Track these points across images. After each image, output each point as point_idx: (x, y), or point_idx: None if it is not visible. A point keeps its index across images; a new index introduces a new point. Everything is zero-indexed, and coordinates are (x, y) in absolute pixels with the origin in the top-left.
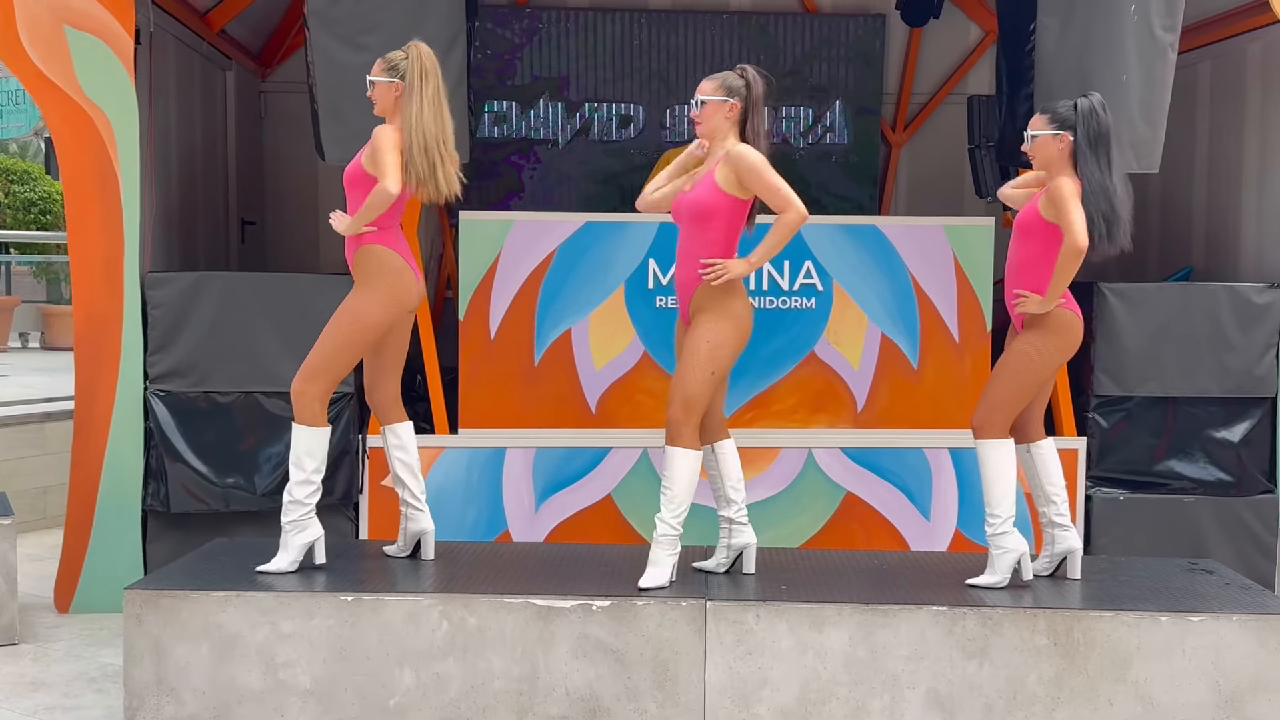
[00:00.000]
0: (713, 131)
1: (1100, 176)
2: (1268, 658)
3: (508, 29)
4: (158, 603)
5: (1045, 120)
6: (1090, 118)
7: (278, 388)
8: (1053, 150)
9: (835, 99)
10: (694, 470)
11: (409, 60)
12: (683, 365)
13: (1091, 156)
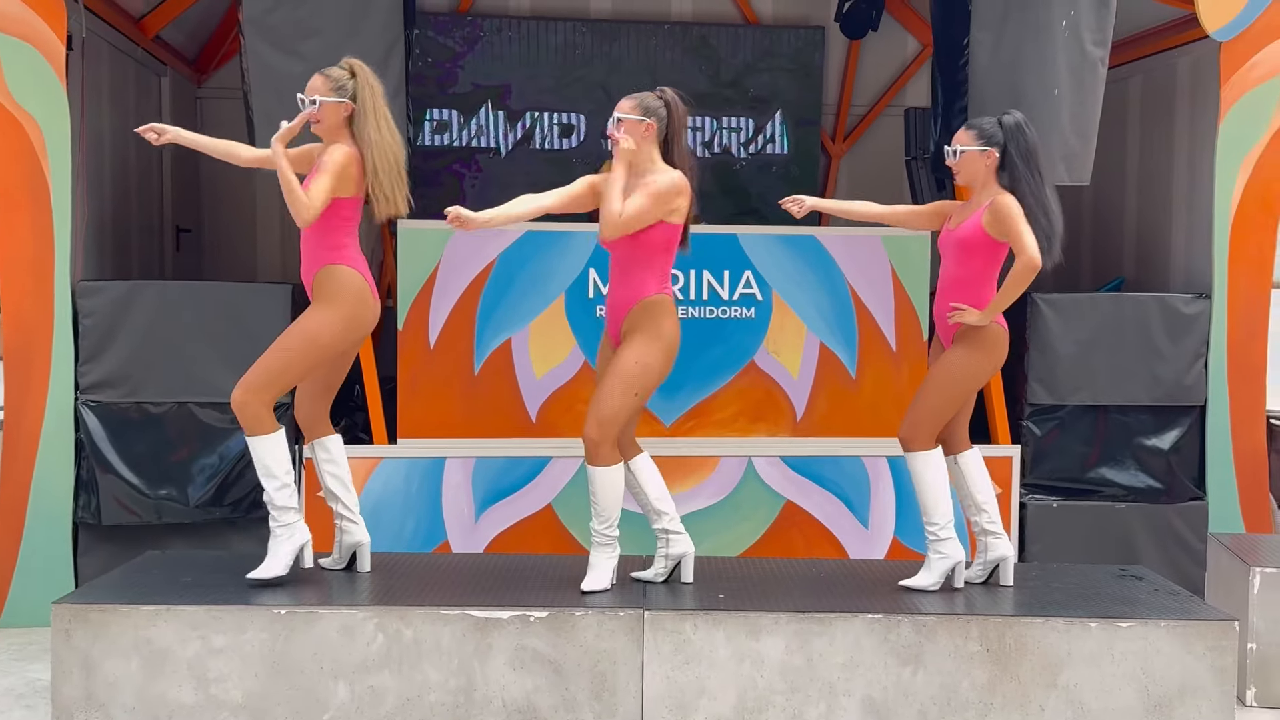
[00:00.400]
0: (632, 152)
1: (1040, 192)
2: (1194, 663)
3: (448, 37)
4: (86, 617)
5: (972, 136)
6: (1019, 134)
7: (211, 398)
8: (979, 166)
9: (775, 110)
10: (618, 483)
11: (357, 80)
12: (607, 383)
13: (1027, 173)
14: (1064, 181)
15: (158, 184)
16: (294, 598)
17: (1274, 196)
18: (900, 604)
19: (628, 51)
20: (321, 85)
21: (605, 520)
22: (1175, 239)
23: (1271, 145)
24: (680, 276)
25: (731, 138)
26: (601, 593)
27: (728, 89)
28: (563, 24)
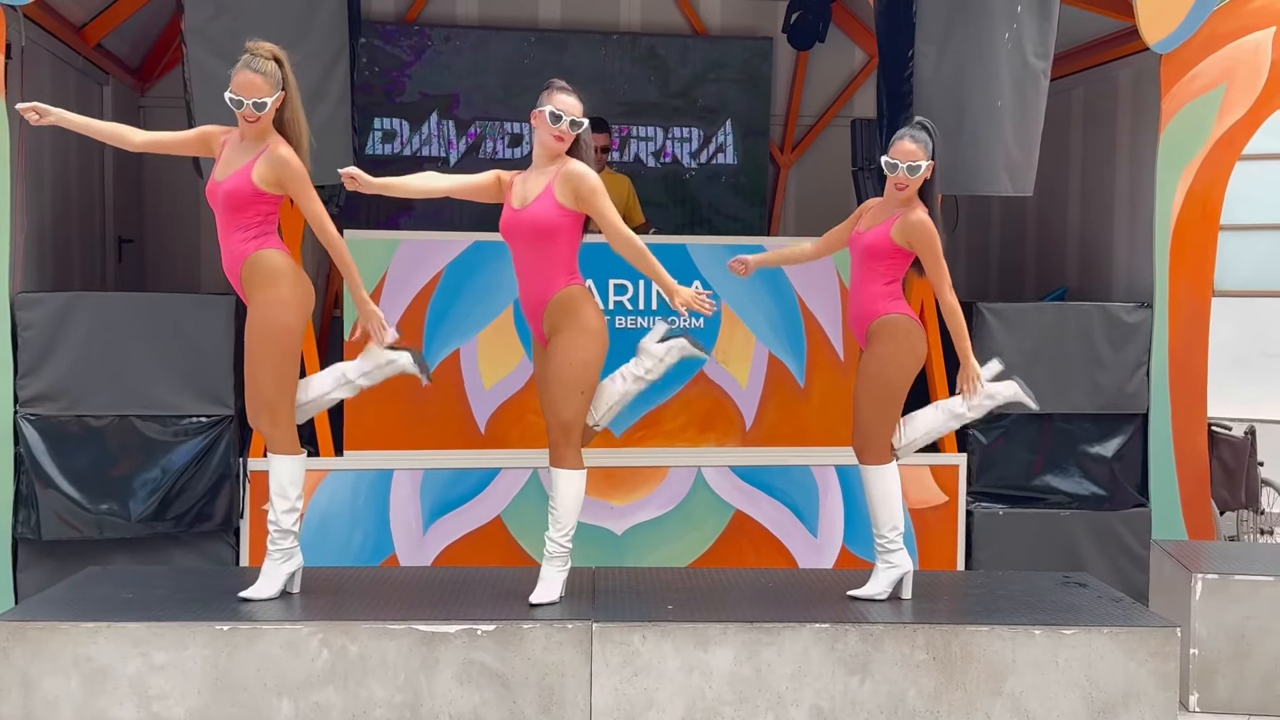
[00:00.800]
0: (561, 150)
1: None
2: (1137, 668)
3: (396, 46)
4: (25, 634)
5: (922, 150)
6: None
7: (153, 410)
8: (921, 180)
9: (724, 120)
10: (580, 489)
11: (284, 69)
12: (555, 392)
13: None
14: (1008, 192)
15: (99, 194)
16: (237, 613)
17: (1213, 206)
18: (848, 613)
19: (577, 61)
20: (263, 85)
21: (562, 528)
22: (1117, 248)
23: (1211, 156)
24: (630, 286)
25: (681, 148)
26: (550, 605)
27: (677, 99)
28: (511, 33)
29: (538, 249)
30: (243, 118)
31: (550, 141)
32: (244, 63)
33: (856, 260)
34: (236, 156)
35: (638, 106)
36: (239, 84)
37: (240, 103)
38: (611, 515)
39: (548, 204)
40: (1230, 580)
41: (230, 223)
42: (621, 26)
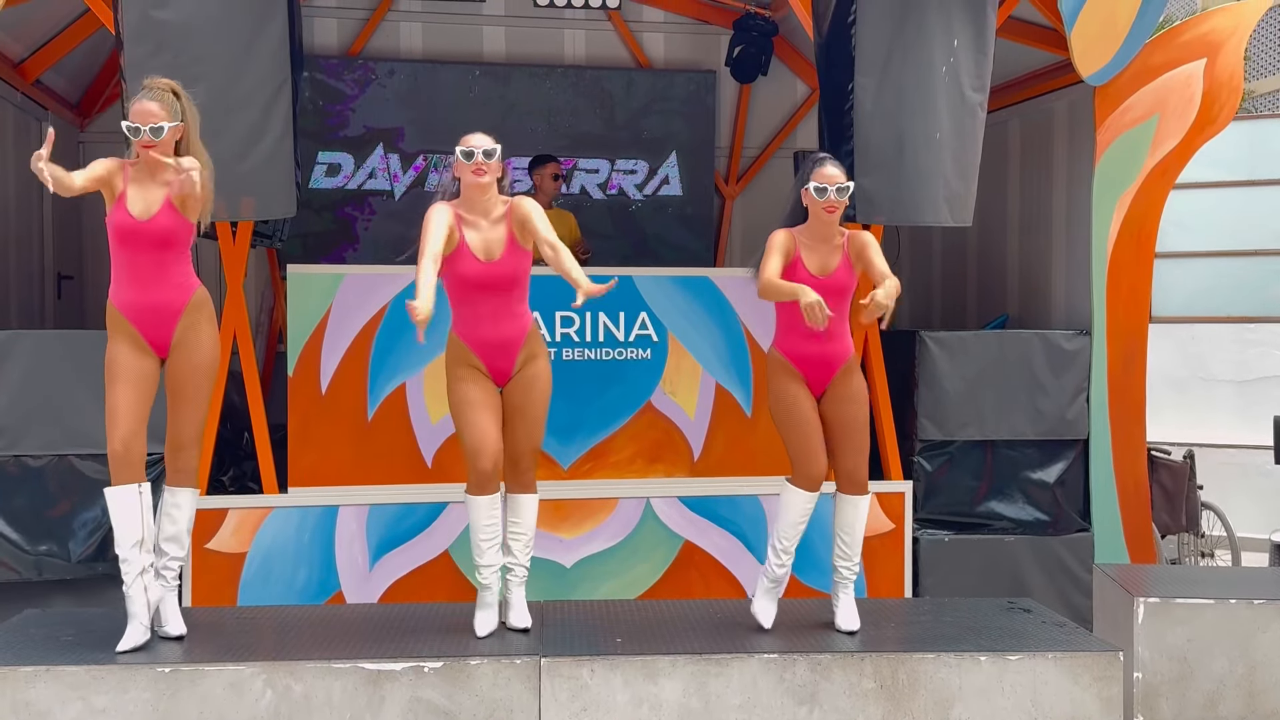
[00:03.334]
0: (485, 184)
1: None
2: (1081, 693)
3: (339, 79)
4: None
5: (846, 174)
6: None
7: (93, 449)
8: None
9: (670, 152)
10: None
11: (181, 101)
12: (536, 418)
13: None
14: (947, 223)
15: (38, 230)
16: (179, 655)
17: (1148, 235)
18: (796, 643)
19: (521, 94)
20: (160, 111)
21: (529, 551)
22: (1055, 277)
23: (1145, 185)
24: (576, 319)
25: (626, 180)
26: (488, 638)
27: (622, 132)
28: (456, 66)
29: (513, 293)
30: (141, 145)
31: (471, 179)
32: (140, 95)
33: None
34: (148, 192)
35: (583, 139)
36: (135, 113)
37: (138, 130)
38: (560, 548)
39: (518, 253)
40: (1172, 604)
41: (166, 260)
42: (566, 60)
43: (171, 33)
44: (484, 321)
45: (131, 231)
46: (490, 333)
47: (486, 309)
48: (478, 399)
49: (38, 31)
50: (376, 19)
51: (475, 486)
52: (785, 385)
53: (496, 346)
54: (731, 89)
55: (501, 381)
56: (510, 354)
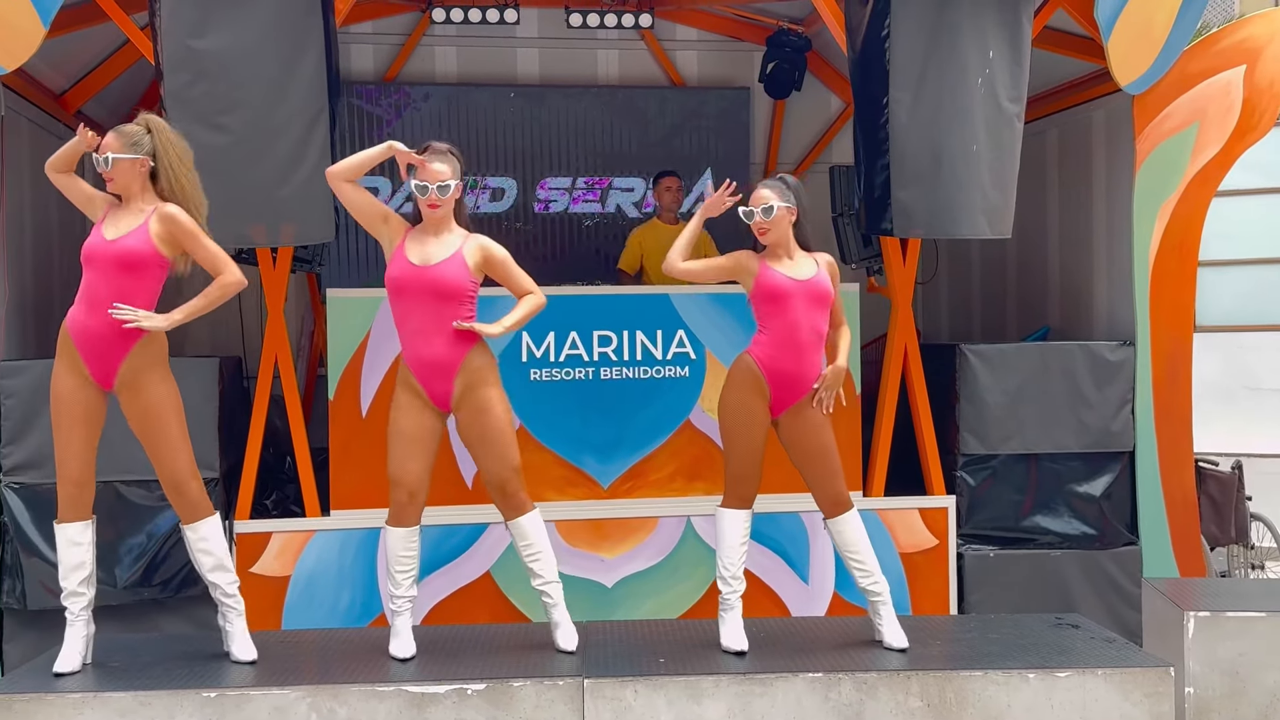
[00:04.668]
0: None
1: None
2: (1132, 710)
3: (375, 105)
4: (11, 707)
5: (779, 194)
6: (803, 195)
7: (138, 476)
8: (785, 223)
9: (704, 169)
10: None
11: (154, 137)
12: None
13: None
14: (985, 235)
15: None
16: (224, 680)
17: (1190, 243)
18: (841, 662)
19: (556, 115)
20: (115, 143)
21: (552, 568)
22: (1097, 287)
23: (1186, 193)
24: (614, 338)
25: None
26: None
27: (656, 150)
28: (490, 89)
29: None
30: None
31: (425, 210)
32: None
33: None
34: (122, 217)
35: (618, 158)
36: (102, 143)
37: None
38: (601, 568)
39: (458, 268)
40: (1222, 617)
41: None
42: (599, 80)
43: (210, 62)
44: (420, 336)
45: (94, 252)
46: (422, 349)
47: (415, 324)
48: (407, 431)
49: (78, 63)
50: (411, 44)
51: (391, 517)
52: (746, 398)
53: (428, 365)
54: (765, 105)
55: (444, 407)
56: (443, 377)
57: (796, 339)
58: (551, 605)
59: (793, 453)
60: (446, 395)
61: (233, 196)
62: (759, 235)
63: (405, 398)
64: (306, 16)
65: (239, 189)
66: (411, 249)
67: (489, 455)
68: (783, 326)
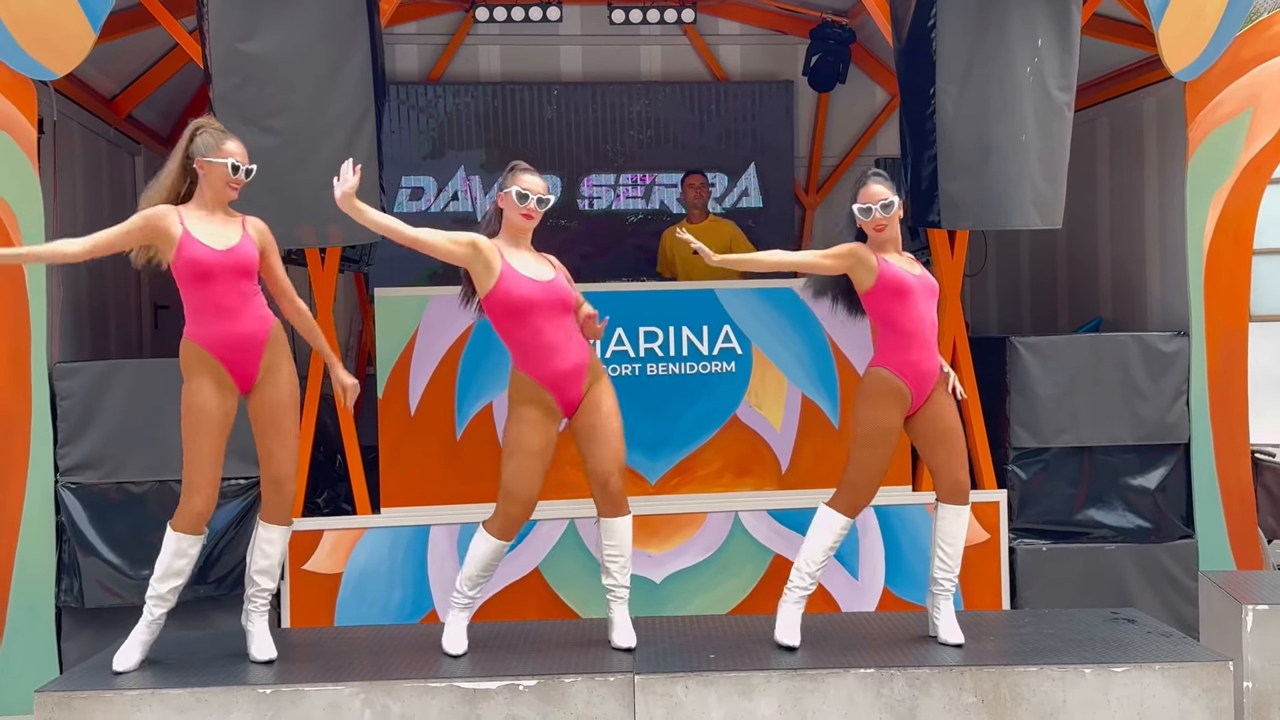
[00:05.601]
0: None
1: None
2: (1190, 704)
3: (421, 104)
4: (70, 704)
5: (891, 188)
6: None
7: None
8: (898, 219)
9: (749, 164)
10: None
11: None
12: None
13: None
14: (1036, 226)
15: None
16: (279, 676)
17: (1245, 232)
18: (893, 658)
19: (599, 112)
20: (241, 150)
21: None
22: (1150, 278)
23: (1240, 181)
24: (659, 334)
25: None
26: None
27: (701, 145)
28: (534, 87)
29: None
30: (237, 184)
31: (518, 220)
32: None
33: (930, 305)
34: (218, 227)
35: (661, 154)
36: (242, 152)
37: (250, 171)
38: (649, 563)
39: (565, 279)
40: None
41: (247, 290)
42: (643, 76)
43: (258, 65)
44: (554, 349)
45: (213, 264)
46: (557, 360)
47: (548, 338)
48: (535, 447)
49: (128, 68)
50: (455, 44)
51: (497, 528)
52: (886, 413)
53: (562, 374)
54: (809, 98)
55: (570, 413)
56: (576, 381)
57: (924, 334)
58: (614, 603)
59: (923, 441)
60: (577, 401)
61: (281, 198)
62: (876, 231)
63: (534, 413)
64: (353, 18)
65: (287, 191)
66: (520, 265)
67: (598, 449)
68: (910, 322)
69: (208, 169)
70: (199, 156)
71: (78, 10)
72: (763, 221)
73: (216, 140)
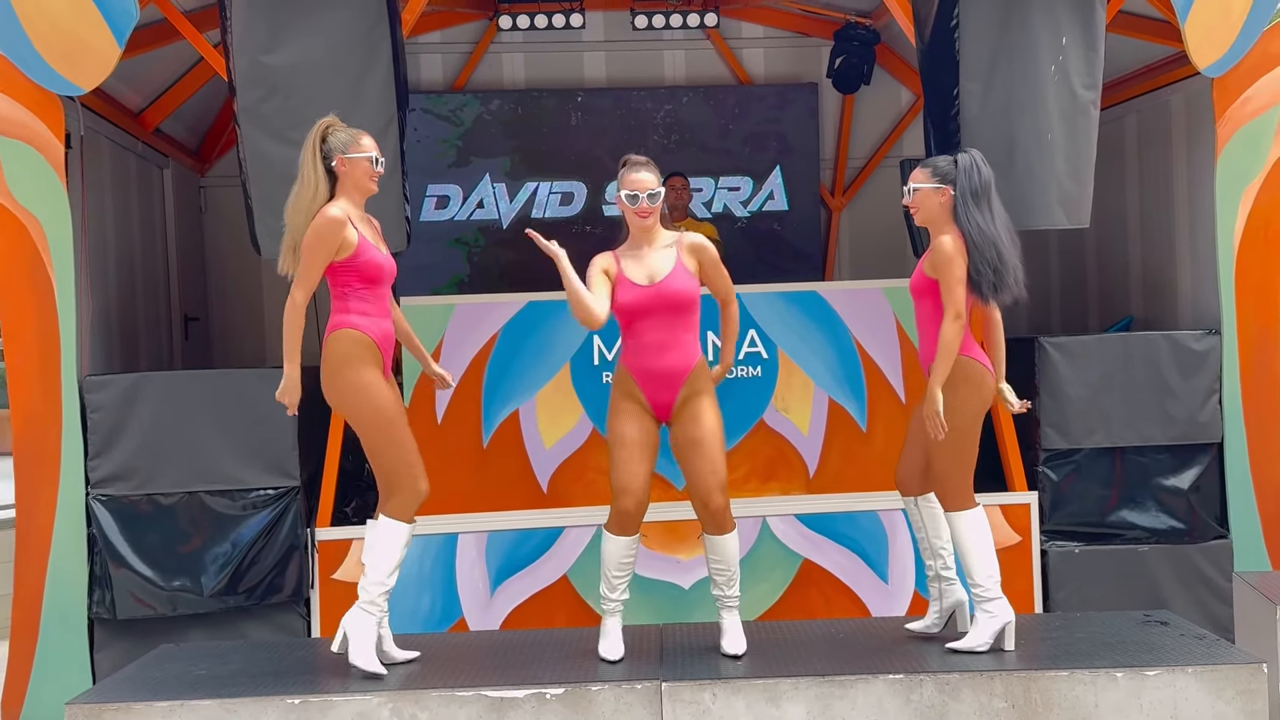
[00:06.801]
0: (648, 225)
1: (986, 227)
2: (1225, 708)
3: (445, 113)
4: (100, 716)
5: (926, 174)
6: (972, 171)
7: (221, 485)
8: (934, 204)
9: (774, 167)
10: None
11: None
12: (715, 453)
13: (975, 209)
14: (1063, 225)
15: (164, 275)
16: (308, 687)
17: (1276, 229)
18: (922, 663)
19: (623, 117)
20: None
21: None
22: (1181, 276)
23: (1270, 177)
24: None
25: (732, 197)
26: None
27: (725, 149)
28: (558, 94)
29: (677, 320)
30: (376, 177)
31: (634, 219)
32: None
33: (914, 304)
34: (367, 226)
35: (686, 158)
36: (375, 145)
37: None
38: (678, 569)
39: (684, 277)
40: None
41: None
42: (666, 81)
43: (281, 77)
44: (656, 350)
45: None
46: (656, 361)
47: (651, 337)
48: (632, 437)
49: (155, 82)
50: (479, 52)
51: (614, 525)
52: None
53: (661, 377)
54: (834, 100)
55: (663, 416)
56: (672, 386)
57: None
58: (725, 612)
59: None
60: (669, 405)
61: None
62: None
63: (628, 405)
64: (375, 28)
65: None
66: (631, 269)
67: (698, 465)
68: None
69: (350, 165)
70: (339, 154)
71: (103, 26)
72: (789, 224)
73: (353, 136)
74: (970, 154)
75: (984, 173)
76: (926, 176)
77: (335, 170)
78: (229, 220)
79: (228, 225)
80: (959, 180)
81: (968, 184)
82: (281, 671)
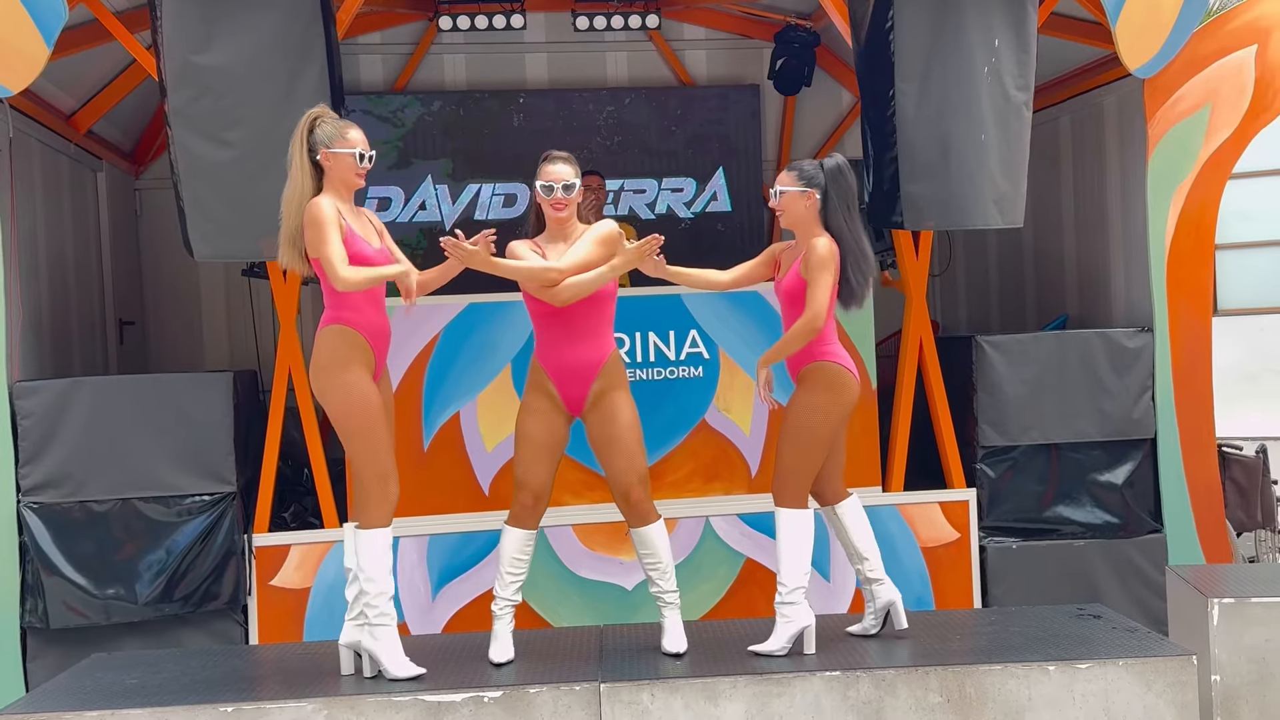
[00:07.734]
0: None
1: (858, 234)
2: (1154, 699)
3: (386, 114)
4: None
5: (793, 178)
6: (840, 178)
7: (155, 491)
8: (800, 207)
9: (716, 168)
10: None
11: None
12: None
13: (848, 215)
14: (998, 224)
15: (98, 278)
16: (242, 694)
17: (1207, 227)
18: (860, 659)
19: (566, 119)
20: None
21: (671, 577)
22: (1115, 274)
23: (1201, 176)
24: (626, 340)
25: (675, 198)
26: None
27: (668, 150)
28: (499, 95)
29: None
30: (362, 172)
31: (550, 211)
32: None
33: (782, 307)
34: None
35: (629, 160)
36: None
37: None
38: (620, 570)
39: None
40: (1247, 603)
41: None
42: (609, 82)
43: (212, 78)
44: (560, 344)
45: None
46: (566, 356)
47: (563, 330)
48: (537, 438)
49: (87, 83)
50: (420, 53)
51: (513, 517)
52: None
53: (565, 369)
54: (776, 101)
55: (576, 411)
56: (583, 381)
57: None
58: (665, 609)
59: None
60: (582, 399)
61: (240, 211)
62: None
63: (538, 401)
64: (308, 29)
65: (246, 203)
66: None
67: (616, 460)
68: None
69: (334, 160)
70: (323, 148)
71: (30, 26)
72: (732, 225)
73: (339, 129)
74: (836, 159)
75: (852, 179)
76: (793, 180)
77: (320, 164)
78: (164, 223)
79: (163, 228)
80: (830, 187)
81: (838, 191)
82: (214, 679)
